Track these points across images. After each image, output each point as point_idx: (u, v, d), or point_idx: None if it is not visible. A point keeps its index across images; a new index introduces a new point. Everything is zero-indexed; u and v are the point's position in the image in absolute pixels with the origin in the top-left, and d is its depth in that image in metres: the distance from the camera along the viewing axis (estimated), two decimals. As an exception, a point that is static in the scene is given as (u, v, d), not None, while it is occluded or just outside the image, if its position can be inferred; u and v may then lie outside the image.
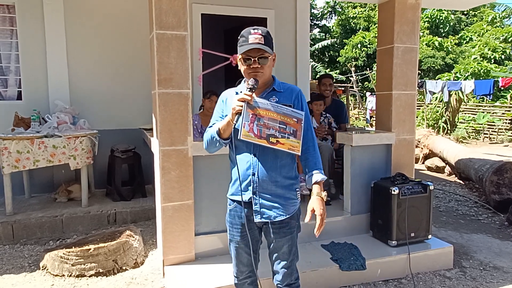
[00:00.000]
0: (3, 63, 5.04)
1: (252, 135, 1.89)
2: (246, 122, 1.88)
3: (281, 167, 2.02)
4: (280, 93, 2.05)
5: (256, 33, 1.93)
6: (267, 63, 1.97)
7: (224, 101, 2.11)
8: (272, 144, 1.91)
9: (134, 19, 5.23)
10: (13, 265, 3.44)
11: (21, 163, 4.10)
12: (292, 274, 2.13)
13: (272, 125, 1.92)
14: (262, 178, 1.99)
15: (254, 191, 2.00)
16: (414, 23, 3.86)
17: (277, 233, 2.05)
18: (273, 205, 2.02)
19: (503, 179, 5.17)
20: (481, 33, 22.66)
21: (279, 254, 2.09)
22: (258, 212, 2.02)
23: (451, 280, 3.23)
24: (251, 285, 2.24)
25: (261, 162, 1.99)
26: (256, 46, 1.90)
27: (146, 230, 4.17)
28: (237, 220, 2.09)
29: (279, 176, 2.01)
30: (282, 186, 2.03)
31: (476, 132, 13.35)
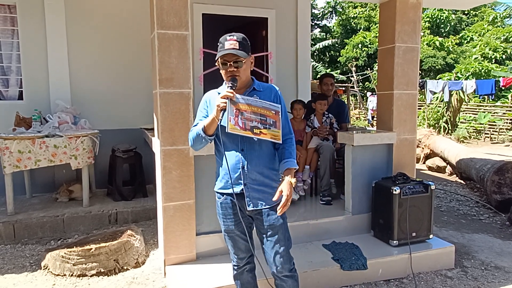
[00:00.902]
0: (4, 63, 5.04)
1: (238, 128, 2.06)
2: (231, 117, 2.05)
3: (265, 159, 2.20)
4: (260, 92, 2.23)
5: (231, 39, 2.13)
6: (243, 66, 2.14)
7: (208, 101, 2.27)
8: (256, 134, 2.09)
9: (135, 18, 5.23)
10: (15, 264, 3.44)
11: (23, 163, 4.10)
12: (290, 260, 2.26)
13: (254, 118, 2.10)
14: (250, 170, 2.16)
15: (244, 183, 2.17)
16: (415, 23, 3.86)
17: (269, 220, 2.19)
18: (263, 194, 2.19)
19: (504, 179, 5.16)
20: (482, 33, 22.64)
21: (274, 241, 2.20)
22: (250, 201, 2.18)
23: (452, 280, 3.23)
24: (250, 272, 2.39)
25: (248, 156, 2.16)
26: (230, 51, 2.09)
27: (147, 230, 4.17)
28: (229, 211, 2.24)
29: (264, 168, 2.20)
30: (268, 176, 2.21)
31: (477, 132, 13.34)
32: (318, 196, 4.28)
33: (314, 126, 4.37)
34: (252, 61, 2.23)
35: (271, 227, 2.20)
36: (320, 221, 3.65)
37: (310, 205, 4.21)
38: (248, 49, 2.17)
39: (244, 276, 2.40)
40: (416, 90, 3.94)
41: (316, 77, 18.70)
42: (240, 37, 2.15)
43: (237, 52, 2.09)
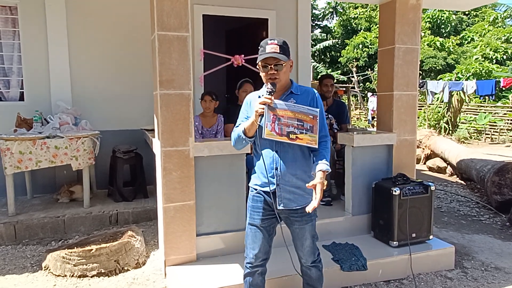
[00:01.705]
0: (5, 64, 5.05)
1: (274, 134, 2.15)
2: (268, 123, 2.14)
3: (299, 162, 2.28)
4: (297, 96, 2.30)
5: (272, 43, 2.21)
6: (283, 70, 2.21)
7: (249, 103, 2.38)
8: (292, 140, 2.17)
9: (136, 20, 5.24)
10: (16, 265, 3.45)
11: (23, 164, 4.11)
12: (315, 252, 2.42)
13: (291, 123, 2.17)
14: (283, 172, 2.26)
15: (277, 183, 2.27)
16: (415, 24, 3.86)
17: (299, 221, 2.32)
18: (294, 195, 2.29)
19: (505, 180, 5.16)
20: (482, 33, 22.63)
21: (302, 239, 2.36)
22: (281, 201, 2.28)
23: (452, 281, 3.23)
24: (261, 275, 2.43)
25: (282, 158, 2.26)
26: (271, 55, 2.17)
27: (148, 231, 4.18)
28: (259, 205, 2.34)
29: (298, 170, 2.27)
30: (301, 178, 2.28)
31: (478, 133, 13.33)
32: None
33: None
34: (291, 64, 2.31)
35: (299, 227, 2.33)
36: (320, 222, 3.63)
37: (310, 206, 4.21)
38: (288, 53, 2.24)
39: (255, 278, 2.42)
40: (416, 91, 3.94)
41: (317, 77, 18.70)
42: (281, 41, 2.23)
43: (278, 56, 2.17)
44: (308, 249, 2.38)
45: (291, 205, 2.29)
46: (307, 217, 2.31)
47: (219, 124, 4.16)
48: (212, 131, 4.15)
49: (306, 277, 2.49)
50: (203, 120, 4.13)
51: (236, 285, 2.83)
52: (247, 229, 2.40)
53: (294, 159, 2.26)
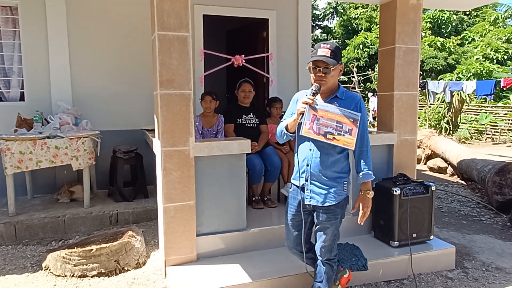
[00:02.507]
0: (6, 64, 5.05)
1: (312, 132, 2.30)
2: (307, 121, 2.30)
3: (331, 163, 2.40)
4: (342, 100, 2.41)
5: (324, 47, 2.32)
6: (330, 73, 2.33)
7: (296, 101, 2.52)
8: (328, 139, 2.30)
9: (137, 20, 5.24)
10: (16, 265, 3.45)
11: (24, 164, 4.11)
12: (332, 251, 2.53)
13: (330, 124, 2.30)
14: (314, 170, 2.40)
15: (306, 179, 2.43)
16: (416, 24, 3.86)
17: (323, 217, 2.45)
18: (321, 193, 2.41)
19: (506, 180, 5.16)
20: (483, 33, 22.61)
21: (321, 234, 2.49)
22: (309, 196, 2.44)
23: (453, 281, 3.23)
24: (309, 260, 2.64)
25: (314, 156, 2.39)
26: (321, 58, 2.29)
27: (148, 231, 4.17)
28: (293, 201, 2.54)
29: (328, 171, 2.40)
30: (331, 179, 2.41)
31: (479, 133, 13.32)
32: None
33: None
34: (341, 69, 2.42)
35: (322, 225, 2.47)
36: (321, 222, 3.65)
37: (311, 206, 4.21)
38: (338, 58, 2.36)
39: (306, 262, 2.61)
40: (416, 91, 3.94)
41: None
42: (333, 46, 2.34)
43: (327, 60, 2.29)
44: (326, 245, 2.50)
45: (316, 202, 2.42)
46: (331, 215, 2.44)
47: (220, 124, 4.16)
48: (213, 131, 4.14)
49: (318, 274, 2.57)
50: (204, 120, 4.13)
51: (236, 285, 2.83)
52: (285, 222, 2.64)
53: (326, 159, 2.39)
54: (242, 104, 4.30)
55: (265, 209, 3.99)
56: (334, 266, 2.57)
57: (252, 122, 4.23)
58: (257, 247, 3.38)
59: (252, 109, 4.31)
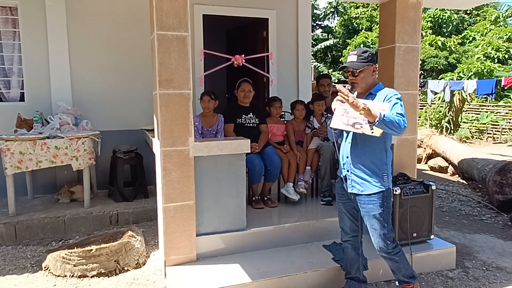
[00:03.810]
0: (6, 64, 5.06)
1: (341, 123, 2.48)
2: (337, 115, 2.50)
3: (368, 154, 2.59)
4: (374, 96, 2.61)
5: (352, 54, 2.63)
6: (360, 75, 2.60)
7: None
8: (356, 128, 2.44)
9: (137, 20, 5.24)
10: (16, 265, 3.45)
11: (24, 164, 4.11)
12: (387, 244, 2.64)
13: (358, 115, 2.40)
14: (352, 161, 2.63)
15: (348, 170, 2.66)
16: (416, 23, 3.85)
17: (364, 207, 2.63)
18: (361, 182, 2.61)
19: (507, 179, 5.14)
20: (484, 32, 22.55)
21: (370, 226, 2.65)
22: (350, 185, 2.66)
23: (453, 281, 3.22)
24: (353, 250, 2.82)
25: (352, 149, 2.63)
26: (346, 64, 2.61)
27: (148, 231, 4.17)
28: (340, 190, 2.78)
29: (366, 160, 2.59)
30: (369, 168, 2.59)
31: (480, 132, 13.29)
32: (319, 197, 4.28)
33: (314, 127, 4.37)
34: (374, 69, 2.64)
35: (367, 214, 2.63)
36: (321, 222, 3.65)
37: (311, 205, 4.21)
38: (366, 60, 2.59)
39: (348, 251, 2.83)
40: (416, 90, 3.93)
41: (318, 77, 18.62)
42: (361, 50, 2.63)
43: (351, 65, 2.58)
44: (376, 238, 2.64)
45: (357, 190, 2.62)
46: (371, 205, 2.59)
47: (219, 124, 4.15)
48: (212, 131, 4.14)
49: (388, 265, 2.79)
50: (203, 120, 4.12)
51: (236, 285, 2.83)
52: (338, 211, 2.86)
53: (363, 151, 2.59)
54: (242, 104, 4.29)
55: (265, 209, 3.99)
56: (397, 258, 2.69)
57: (252, 122, 4.22)
58: (257, 247, 3.38)
59: (252, 108, 4.31)
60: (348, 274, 2.88)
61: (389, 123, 2.33)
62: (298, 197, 4.10)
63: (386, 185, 2.61)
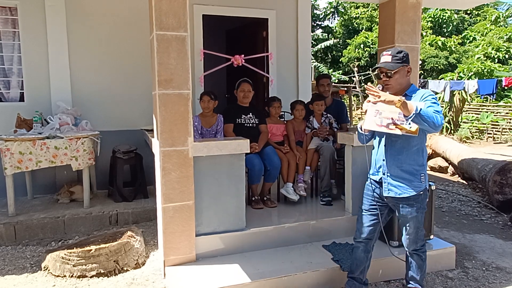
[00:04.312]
0: (5, 65, 5.06)
1: (374, 125, 2.44)
2: (370, 117, 2.45)
3: (405, 155, 2.56)
4: (410, 97, 2.56)
5: (386, 54, 2.57)
6: (393, 76, 2.55)
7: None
8: (391, 129, 2.41)
9: (136, 20, 5.24)
10: (15, 266, 3.45)
11: (24, 164, 4.11)
12: (417, 242, 2.73)
13: (392, 115, 2.39)
14: (389, 163, 2.58)
15: (384, 173, 2.61)
16: (415, 23, 3.85)
17: (402, 209, 2.62)
18: (398, 185, 2.58)
19: (506, 179, 5.14)
20: (484, 32, 22.55)
21: (404, 226, 2.69)
22: (387, 189, 2.61)
23: (453, 281, 3.22)
24: (363, 253, 2.81)
25: (388, 151, 2.59)
26: (381, 65, 2.55)
27: (148, 231, 4.17)
28: (369, 193, 2.73)
29: (404, 163, 2.56)
30: (406, 171, 2.56)
31: (480, 132, 13.28)
32: (318, 197, 4.28)
33: (314, 127, 4.37)
34: (408, 70, 2.59)
35: (403, 217, 2.65)
36: (320, 222, 3.65)
37: (311, 205, 4.21)
38: (402, 61, 2.55)
39: (358, 253, 2.81)
40: (416, 90, 3.92)
41: (318, 77, 18.61)
42: (395, 51, 2.57)
43: (386, 65, 2.53)
44: (410, 237, 2.70)
45: (394, 194, 2.58)
46: (410, 207, 2.59)
47: (219, 124, 4.15)
48: (212, 131, 4.14)
49: (407, 263, 2.85)
50: (203, 120, 4.12)
51: (235, 285, 2.83)
52: (359, 212, 2.82)
53: (400, 153, 2.55)
54: (241, 104, 4.29)
55: (264, 209, 3.98)
56: (423, 256, 2.78)
57: (251, 122, 4.22)
58: (256, 247, 3.37)
59: (251, 109, 4.31)
60: (351, 273, 2.87)
61: (425, 118, 2.30)
62: (297, 197, 4.10)
63: (423, 186, 2.60)
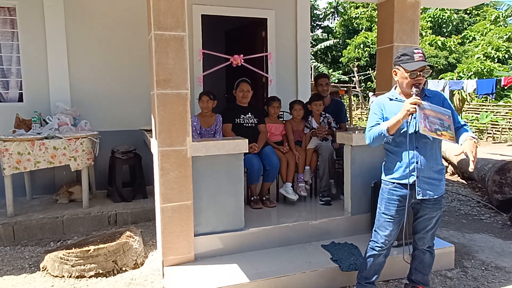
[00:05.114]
0: (4, 65, 5.06)
1: (427, 130, 2.38)
2: (421, 120, 2.38)
3: (435, 156, 2.57)
4: (430, 98, 2.56)
5: (418, 52, 2.49)
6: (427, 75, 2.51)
7: (382, 106, 2.64)
8: (439, 136, 2.40)
9: (135, 20, 5.24)
10: (14, 266, 3.45)
11: (22, 165, 4.11)
12: (434, 238, 2.77)
13: (435, 121, 2.41)
14: (423, 165, 2.53)
15: (417, 175, 2.53)
16: (414, 22, 3.85)
17: (432, 208, 2.61)
18: (431, 186, 2.56)
19: (506, 179, 5.13)
20: (484, 32, 22.56)
21: (429, 224, 2.66)
22: (420, 191, 2.54)
23: (452, 280, 3.21)
24: (385, 257, 2.77)
25: (422, 153, 2.53)
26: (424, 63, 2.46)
27: (147, 231, 4.17)
28: (395, 197, 2.62)
29: (434, 164, 2.56)
30: (436, 171, 2.57)
31: (480, 132, 13.29)
32: (317, 197, 4.27)
33: (313, 127, 4.36)
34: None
35: (430, 214, 2.62)
36: (320, 222, 3.64)
37: (310, 205, 4.20)
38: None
39: (379, 259, 2.75)
40: (415, 89, 3.92)
41: (317, 77, 18.60)
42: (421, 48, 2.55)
43: (427, 63, 2.47)
44: (431, 235, 2.71)
45: (429, 196, 2.55)
46: (438, 206, 2.61)
47: (218, 124, 4.15)
48: (211, 131, 4.13)
49: (417, 262, 2.81)
50: (202, 120, 4.12)
51: (234, 285, 2.82)
52: (381, 218, 2.71)
53: (431, 154, 2.55)
54: (240, 103, 4.29)
55: (263, 209, 3.98)
56: (433, 252, 2.79)
57: (250, 122, 4.22)
58: (255, 247, 3.37)
59: (250, 108, 4.30)
60: (366, 279, 2.80)
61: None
62: (296, 197, 4.09)
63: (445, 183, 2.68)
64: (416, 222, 2.71)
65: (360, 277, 2.83)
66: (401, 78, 2.55)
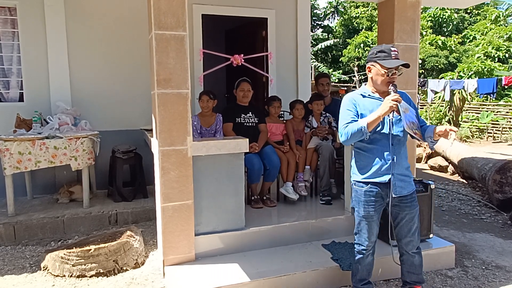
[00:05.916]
0: (5, 65, 5.06)
1: (409, 128, 2.39)
2: (403, 118, 2.38)
3: (404, 154, 2.60)
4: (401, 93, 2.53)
5: (394, 50, 2.49)
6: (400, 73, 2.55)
7: (356, 102, 2.58)
8: (416, 134, 2.43)
9: (136, 20, 5.24)
10: (15, 265, 3.45)
11: (23, 164, 4.11)
12: (419, 238, 2.73)
13: (413, 120, 2.45)
14: (398, 162, 2.53)
15: (392, 173, 2.51)
16: (414, 21, 3.85)
17: (410, 206, 2.60)
18: (404, 183, 2.56)
19: (506, 178, 5.13)
20: (484, 31, 22.52)
21: (413, 225, 2.63)
22: (395, 189, 2.53)
23: (452, 280, 3.21)
24: (372, 255, 2.76)
25: (396, 150, 2.53)
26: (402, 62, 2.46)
27: (147, 231, 4.17)
28: (372, 198, 2.57)
29: (405, 160, 2.59)
30: (406, 168, 2.60)
31: (480, 131, 13.28)
32: (318, 196, 4.27)
33: (313, 126, 4.37)
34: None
35: (409, 212, 2.60)
36: (320, 221, 3.64)
37: (310, 205, 4.21)
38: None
39: (368, 259, 2.73)
40: (415, 89, 3.92)
41: (318, 77, 18.58)
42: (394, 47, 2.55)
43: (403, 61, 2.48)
44: (417, 235, 2.67)
45: (403, 192, 2.55)
46: (415, 203, 2.62)
47: (218, 123, 4.15)
48: (211, 131, 4.14)
49: (407, 265, 2.76)
50: (202, 120, 4.12)
51: (235, 285, 2.83)
52: (362, 222, 2.65)
53: (404, 151, 2.59)
54: (240, 103, 4.29)
55: (264, 209, 3.98)
56: (421, 251, 2.75)
57: (251, 121, 4.22)
58: (255, 246, 3.37)
59: (251, 108, 4.30)
60: (362, 282, 2.79)
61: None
62: (297, 196, 4.10)
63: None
64: (399, 227, 2.67)
65: (356, 281, 2.80)
66: (376, 75, 2.52)
